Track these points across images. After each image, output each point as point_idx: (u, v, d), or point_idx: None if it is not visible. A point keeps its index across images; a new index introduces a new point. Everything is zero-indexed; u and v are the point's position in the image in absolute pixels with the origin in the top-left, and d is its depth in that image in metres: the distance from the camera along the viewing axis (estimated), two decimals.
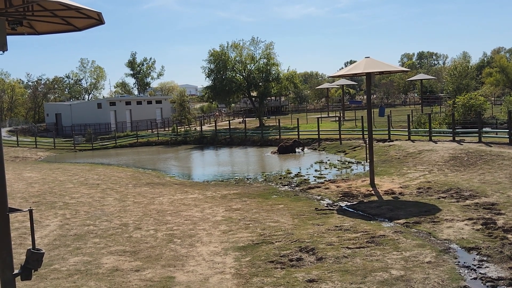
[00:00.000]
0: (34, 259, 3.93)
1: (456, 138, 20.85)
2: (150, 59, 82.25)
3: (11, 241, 3.97)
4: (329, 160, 22.66)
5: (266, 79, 43.96)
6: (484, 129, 21.21)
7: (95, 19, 4.16)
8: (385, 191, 13.03)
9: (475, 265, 7.00)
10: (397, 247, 7.80)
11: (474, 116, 23.92)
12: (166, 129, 48.97)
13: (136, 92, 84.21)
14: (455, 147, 18.34)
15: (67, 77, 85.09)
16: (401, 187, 13.27)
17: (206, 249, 8.27)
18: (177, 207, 12.61)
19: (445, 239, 8.22)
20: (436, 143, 20.48)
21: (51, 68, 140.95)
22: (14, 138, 43.20)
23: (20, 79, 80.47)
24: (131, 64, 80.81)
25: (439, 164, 16.17)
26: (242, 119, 53.71)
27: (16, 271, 4.01)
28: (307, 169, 20.30)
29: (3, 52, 3.73)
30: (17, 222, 10.68)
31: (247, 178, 18.86)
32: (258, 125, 42.78)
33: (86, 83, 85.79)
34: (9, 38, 3.88)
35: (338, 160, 22.25)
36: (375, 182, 14.22)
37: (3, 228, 3.91)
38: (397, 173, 15.83)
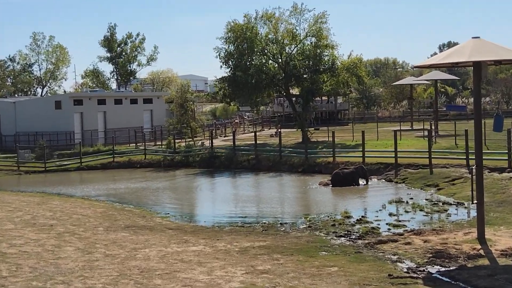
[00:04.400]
0: None
1: None
2: (137, 35, 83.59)
3: None
4: (412, 198, 22.82)
5: (315, 69, 44.40)
6: None
7: None
8: (502, 250, 13.08)
9: None
10: None
11: None
12: (159, 142, 50.17)
13: (114, 86, 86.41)
14: None
15: (10, 60, 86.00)
16: None
17: None
18: (172, 265, 12.76)
19: None
20: None
21: None
22: None
23: None
24: (108, 42, 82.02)
25: None
26: (275, 130, 54.01)
27: None
28: (377, 211, 20.56)
29: None
30: None
31: (280, 223, 19.20)
32: (301, 140, 43.48)
33: (40, 70, 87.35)
34: None
35: (426, 199, 22.46)
36: (485, 236, 14.30)
37: None
38: None
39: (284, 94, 48.46)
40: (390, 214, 19.74)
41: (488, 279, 10.97)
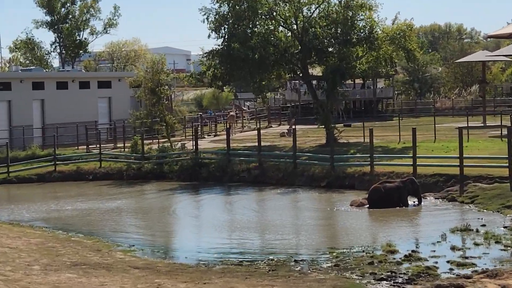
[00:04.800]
0: None
1: None
2: None
3: None
4: (484, 225, 22.85)
5: (345, 40, 44.27)
6: None
7: None
8: None
9: None
10: None
11: None
12: (120, 144, 49.84)
13: (56, 63, 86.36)
14: None
15: None
16: None
17: None
18: None
19: None
20: None
21: None
22: None
23: None
24: (48, 0, 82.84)
25: None
26: (288, 127, 53.79)
27: None
28: (433, 244, 20.62)
29: None
30: None
31: (295, 260, 19.27)
32: (324, 141, 43.37)
33: None
34: None
35: (505, 227, 22.41)
36: None
37: None
38: None
39: (301, 75, 48.47)
40: (453, 248, 19.68)
41: None
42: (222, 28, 44.27)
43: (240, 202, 32.41)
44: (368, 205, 27.74)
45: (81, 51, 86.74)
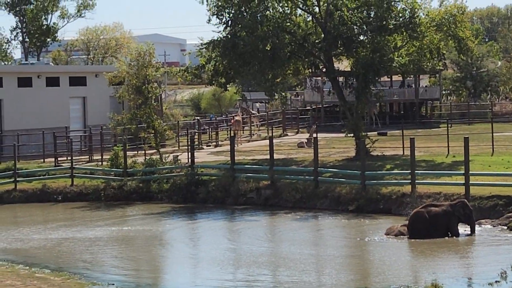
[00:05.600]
0: None
1: None
2: None
3: None
4: None
5: (380, 26, 44.07)
6: None
7: None
8: None
9: None
10: None
11: None
12: (97, 157, 49.70)
13: (18, 55, 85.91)
14: None
15: None
16: None
17: None
18: None
19: None
20: None
21: None
22: None
23: None
24: None
25: None
26: (309, 135, 53.67)
27: None
28: (490, 285, 20.62)
29: None
30: None
31: None
32: (354, 154, 43.70)
33: None
34: None
35: None
36: None
37: None
38: None
39: (324, 70, 48.36)
40: None
41: None
42: (225, 12, 43.93)
43: (248, 230, 32.35)
44: (408, 235, 27.64)
45: (48, 39, 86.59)
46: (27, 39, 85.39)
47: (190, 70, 49.09)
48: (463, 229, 27.91)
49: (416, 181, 33.40)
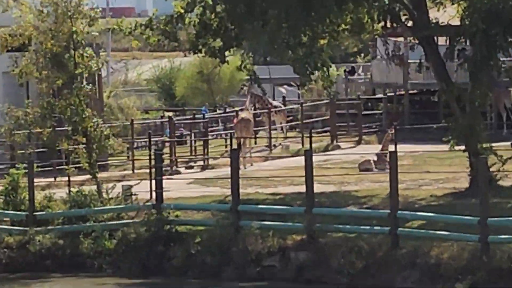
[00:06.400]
0: None
1: None
2: None
3: None
4: None
5: None
6: None
7: None
8: None
9: None
10: None
11: None
12: None
13: None
14: None
15: None
16: None
17: None
18: None
19: None
20: None
21: None
22: None
23: None
24: None
25: None
26: (381, 147, 42.56)
27: None
28: None
29: None
30: None
31: None
32: (467, 184, 33.62)
33: None
34: None
35: None
36: None
37: None
38: None
39: (411, 24, 35.82)
40: None
41: None
42: None
43: None
44: None
45: None
46: None
47: (156, 25, 36.26)
48: None
49: None
